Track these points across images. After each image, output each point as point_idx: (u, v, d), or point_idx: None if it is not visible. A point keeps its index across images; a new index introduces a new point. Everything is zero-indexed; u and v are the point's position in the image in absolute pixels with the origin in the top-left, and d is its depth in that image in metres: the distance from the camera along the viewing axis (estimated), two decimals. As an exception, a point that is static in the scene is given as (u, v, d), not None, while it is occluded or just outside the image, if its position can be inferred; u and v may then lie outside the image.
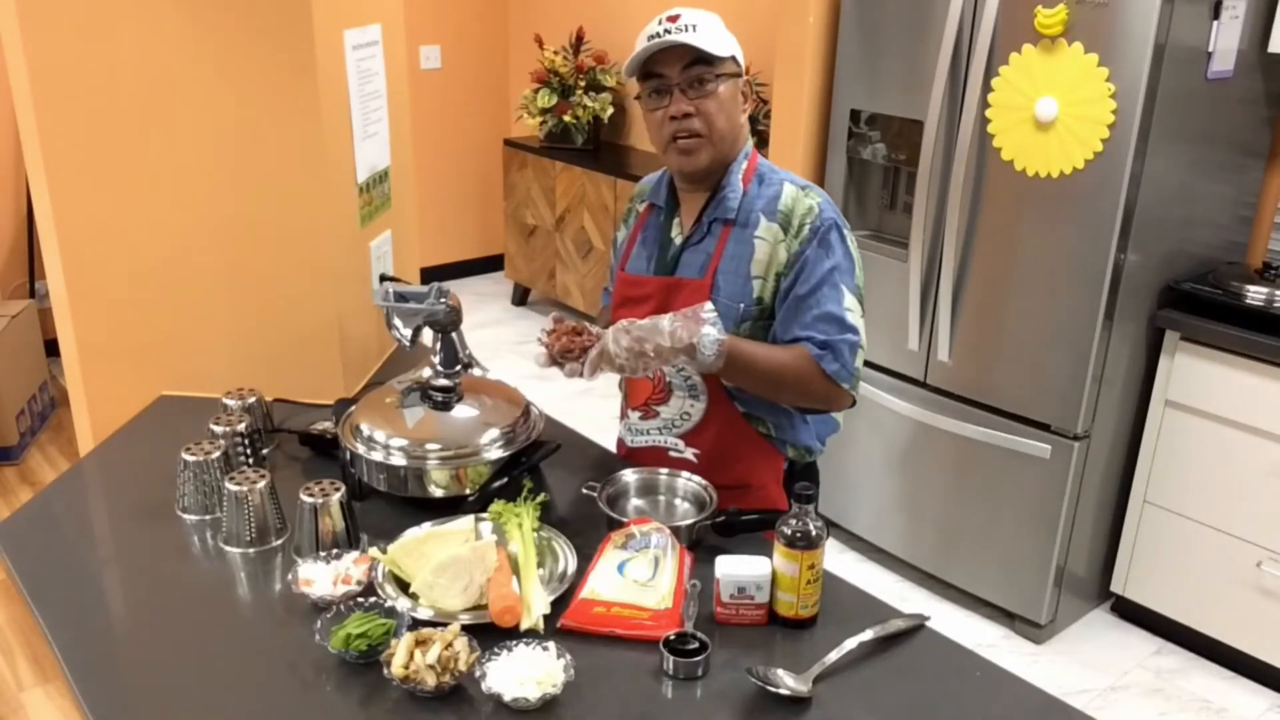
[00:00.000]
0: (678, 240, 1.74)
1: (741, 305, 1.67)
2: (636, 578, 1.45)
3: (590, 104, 4.84)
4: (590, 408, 4.32)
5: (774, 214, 1.66)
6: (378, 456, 1.68)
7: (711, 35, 1.62)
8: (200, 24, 1.96)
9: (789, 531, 1.40)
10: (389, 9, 2.39)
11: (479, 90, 5.64)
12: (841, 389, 1.64)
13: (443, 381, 1.77)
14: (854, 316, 1.63)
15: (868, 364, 3.08)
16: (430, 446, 1.69)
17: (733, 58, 1.65)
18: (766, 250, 1.65)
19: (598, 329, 1.65)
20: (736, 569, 1.43)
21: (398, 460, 1.67)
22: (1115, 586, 2.96)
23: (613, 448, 1.97)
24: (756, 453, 1.76)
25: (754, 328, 1.68)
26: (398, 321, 1.82)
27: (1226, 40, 2.53)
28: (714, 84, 1.63)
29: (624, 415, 1.88)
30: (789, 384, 1.64)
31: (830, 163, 3.12)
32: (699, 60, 1.62)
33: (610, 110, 4.88)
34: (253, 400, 1.89)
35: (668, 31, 1.61)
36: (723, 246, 1.68)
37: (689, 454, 1.78)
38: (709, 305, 1.60)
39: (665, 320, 1.57)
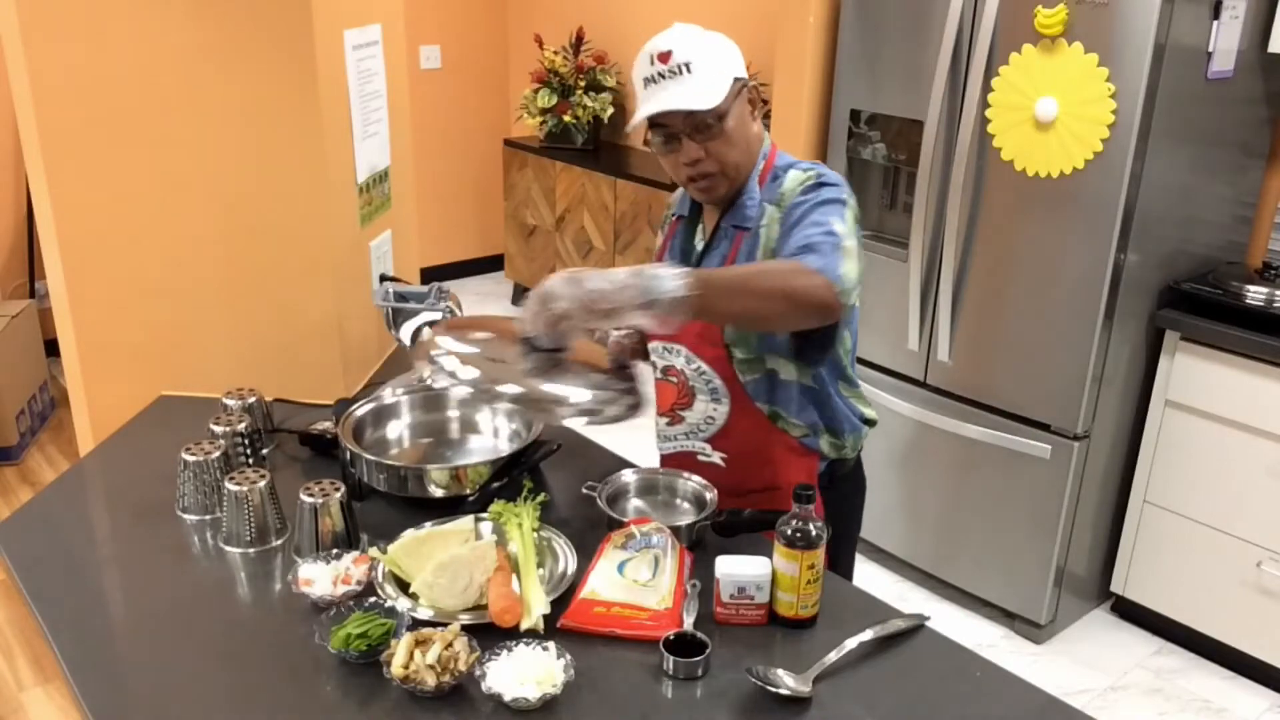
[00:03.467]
0: (699, 247, 1.72)
1: None
2: (636, 578, 1.45)
3: (590, 104, 4.84)
4: (590, 408, 4.32)
5: (775, 198, 1.64)
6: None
7: (706, 74, 1.54)
8: (200, 24, 1.96)
9: (789, 531, 1.40)
10: (389, 9, 2.39)
11: (479, 90, 5.64)
12: (825, 281, 1.44)
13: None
14: (838, 225, 1.52)
15: (867, 364, 3.09)
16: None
17: (734, 79, 1.58)
18: (767, 233, 1.63)
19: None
20: (736, 569, 1.43)
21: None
22: (1115, 586, 2.96)
23: (611, 448, 1.97)
24: (785, 453, 1.72)
25: None
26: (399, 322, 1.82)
27: (1226, 40, 2.53)
28: (719, 125, 1.57)
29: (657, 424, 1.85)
30: (773, 291, 1.43)
31: (830, 163, 3.12)
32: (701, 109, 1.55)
33: (610, 110, 4.88)
34: (253, 400, 1.89)
35: (660, 75, 1.55)
36: (737, 246, 1.66)
37: (716, 458, 1.75)
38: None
39: (621, 273, 1.34)
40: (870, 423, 1.79)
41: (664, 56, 1.55)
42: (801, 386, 1.69)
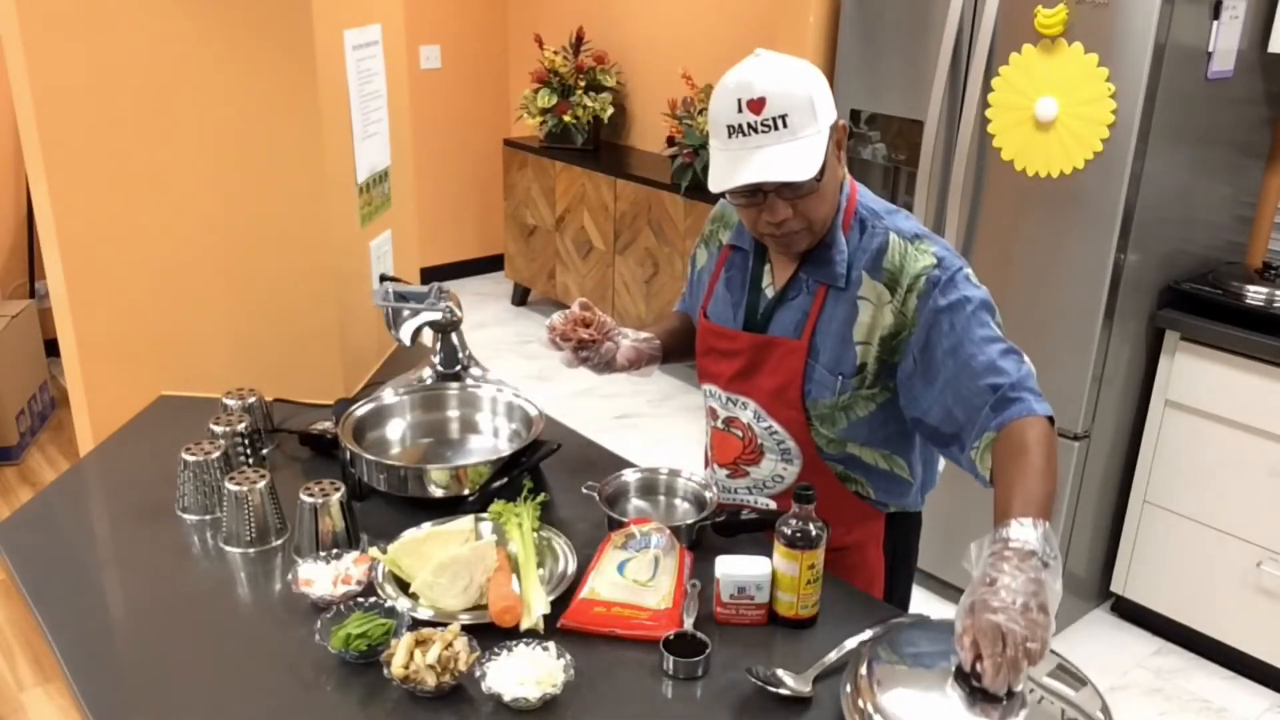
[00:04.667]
0: (769, 293, 1.58)
1: (841, 375, 1.50)
2: (636, 578, 1.45)
3: (590, 104, 4.84)
4: (590, 408, 4.32)
5: (879, 271, 1.47)
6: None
7: (806, 133, 1.37)
8: (200, 24, 1.96)
9: (789, 531, 1.40)
10: (389, 9, 2.39)
11: (479, 90, 5.64)
12: (1049, 420, 1.41)
13: None
14: (1012, 358, 1.44)
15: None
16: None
17: (830, 127, 1.41)
18: (870, 312, 1.48)
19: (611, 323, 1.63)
20: (736, 569, 1.42)
21: None
22: (1115, 586, 2.96)
23: (612, 448, 1.96)
24: (853, 514, 1.62)
25: (854, 398, 1.52)
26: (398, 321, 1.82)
27: (1226, 40, 2.53)
28: (814, 183, 1.41)
29: (708, 464, 1.76)
30: (1052, 469, 1.37)
31: (830, 163, 3.12)
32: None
33: (610, 110, 4.88)
34: (253, 400, 1.89)
35: (752, 128, 1.37)
36: (820, 306, 1.51)
37: None
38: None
39: (1017, 581, 1.17)
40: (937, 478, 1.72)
41: (755, 105, 1.37)
42: (893, 476, 1.62)
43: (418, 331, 1.95)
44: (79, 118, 1.99)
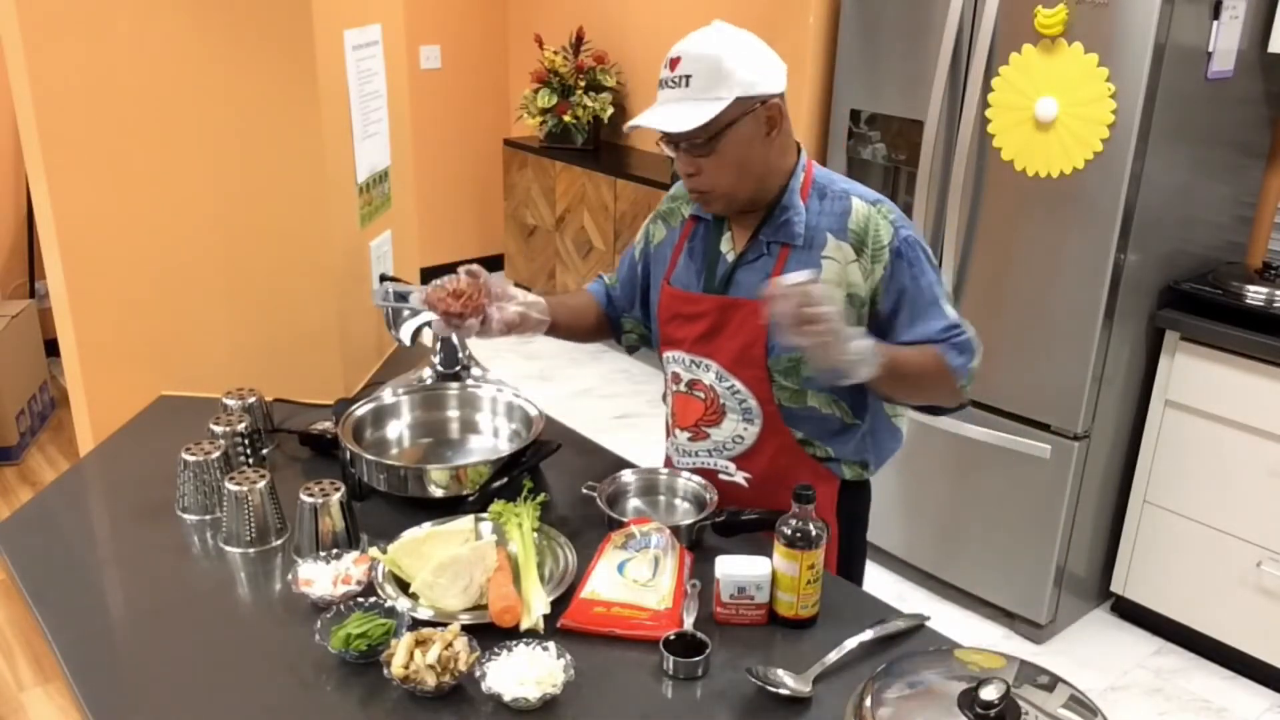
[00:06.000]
0: (729, 257, 1.64)
1: None
2: (636, 578, 1.45)
3: (590, 104, 4.84)
4: (590, 408, 4.32)
5: (844, 232, 1.56)
6: None
7: (703, 89, 1.48)
8: (200, 24, 1.96)
9: (789, 531, 1.40)
10: (389, 9, 2.39)
11: (479, 90, 5.64)
12: (962, 389, 1.61)
13: None
14: (949, 308, 1.60)
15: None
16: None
17: (737, 99, 1.49)
18: (836, 270, 1.55)
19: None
20: (736, 569, 1.43)
21: None
22: (1115, 586, 2.96)
23: (613, 448, 1.97)
24: (810, 477, 1.66)
25: None
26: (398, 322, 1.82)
27: (1226, 40, 2.53)
28: (709, 144, 1.51)
29: (670, 434, 1.80)
30: (932, 393, 1.62)
31: (830, 163, 3.12)
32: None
33: (610, 110, 4.88)
34: (253, 400, 1.89)
35: (666, 84, 1.52)
36: (782, 266, 1.58)
37: (739, 478, 1.70)
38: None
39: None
40: (898, 446, 1.79)
41: (673, 64, 1.51)
42: (842, 424, 1.66)
43: (418, 331, 1.95)
44: (79, 118, 1.99)
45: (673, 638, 1.36)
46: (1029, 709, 1.13)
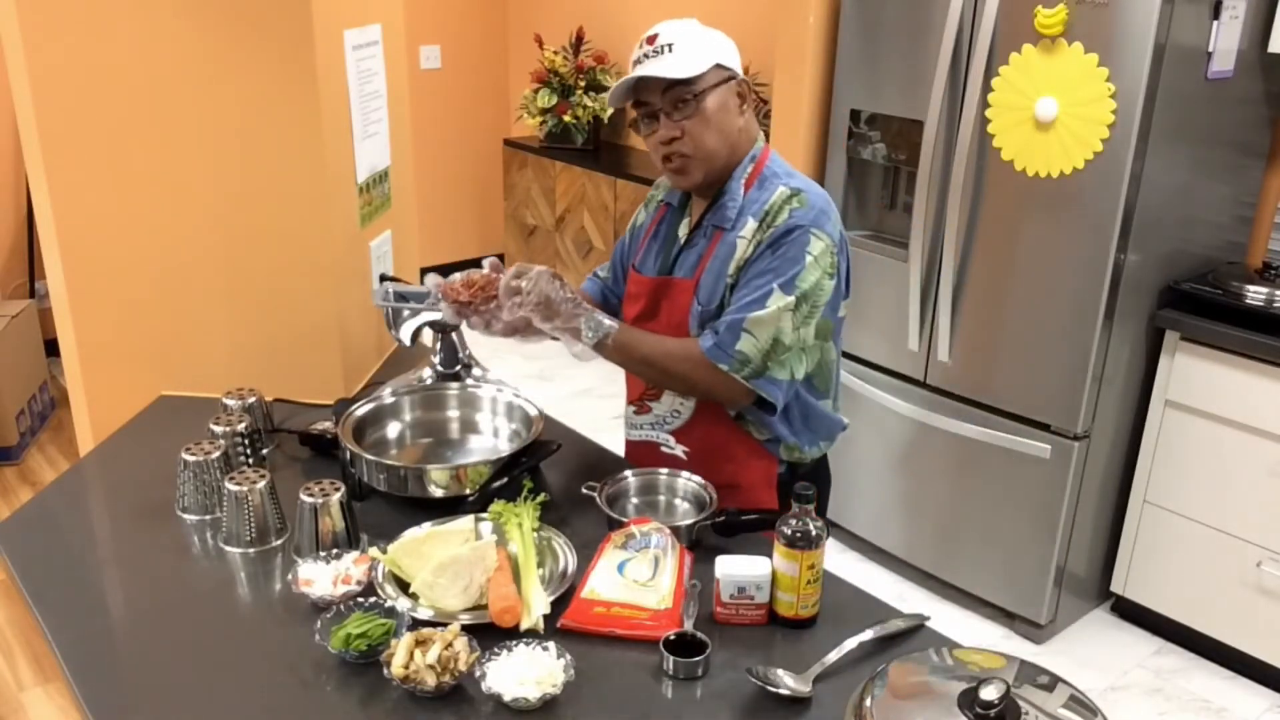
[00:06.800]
0: (681, 240, 1.75)
1: (714, 308, 1.66)
2: (636, 578, 1.46)
3: (590, 104, 4.84)
4: (590, 408, 4.32)
5: (761, 214, 1.64)
6: None
7: (687, 53, 1.60)
8: (200, 24, 1.96)
9: (789, 531, 1.40)
10: (389, 9, 2.39)
11: (479, 90, 5.64)
12: (723, 373, 1.61)
13: None
14: (776, 300, 1.58)
15: (867, 364, 3.09)
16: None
17: (716, 66, 1.62)
18: (743, 248, 1.64)
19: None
20: (736, 569, 1.43)
21: None
22: (1115, 586, 2.96)
23: (612, 447, 1.97)
24: (746, 454, 1.74)
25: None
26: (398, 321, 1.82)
27: (1226, 40, 2.53)
28: (695, 103, 1.61)
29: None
30: (677, 380, 1.67)
31: (830, 163, 3.12)
32: (677, 83, 1.60)
33: (610, 110, 4.88)
34: (253, 400, 1.89)
35: (646, 56, 1.62)
36: (713, 249, 1.68)
37: (679, 451, 1.79)
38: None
39: (565, 298, 1.62)
40: (838, 429, 1.81)
41: (650, 40, 1.63)
42: (765, 403, 1.69)
43: (418, 331, 1.95)
44: (79, 118, 1.99)
45: (673, 638, 1.36)
46: (1029, 709, 1.13)
